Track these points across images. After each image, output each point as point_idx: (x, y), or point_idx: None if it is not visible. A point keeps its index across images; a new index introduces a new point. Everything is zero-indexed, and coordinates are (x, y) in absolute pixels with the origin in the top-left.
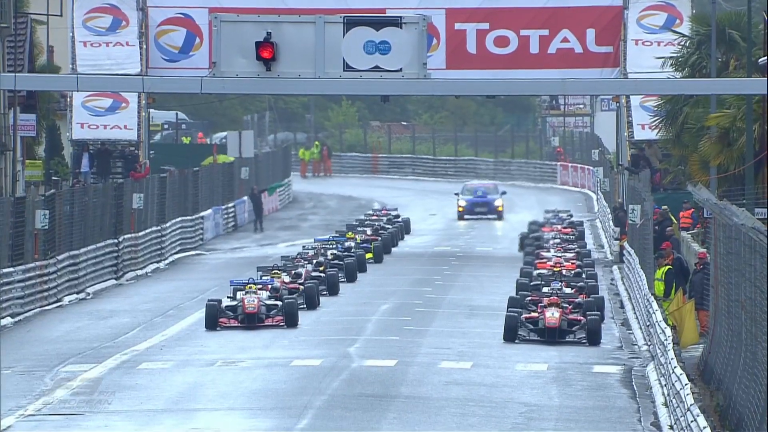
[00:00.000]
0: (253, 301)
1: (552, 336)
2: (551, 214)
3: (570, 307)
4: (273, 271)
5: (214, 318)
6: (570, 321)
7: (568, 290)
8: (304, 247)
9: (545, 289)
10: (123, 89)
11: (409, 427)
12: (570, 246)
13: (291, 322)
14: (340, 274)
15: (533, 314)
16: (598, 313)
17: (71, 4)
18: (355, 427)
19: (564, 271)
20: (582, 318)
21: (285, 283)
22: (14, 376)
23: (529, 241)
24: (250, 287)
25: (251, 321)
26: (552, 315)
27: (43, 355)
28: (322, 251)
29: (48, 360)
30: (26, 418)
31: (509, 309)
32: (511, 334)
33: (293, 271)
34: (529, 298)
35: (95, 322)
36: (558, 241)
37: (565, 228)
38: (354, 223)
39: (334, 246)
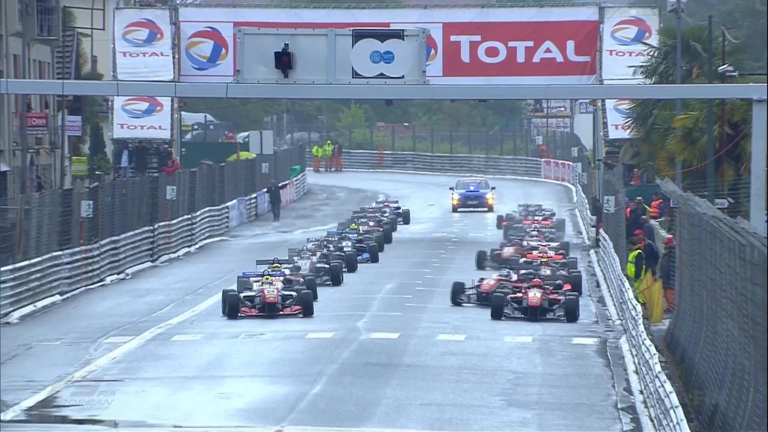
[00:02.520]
0: (273, 291)
1: (534, 314)
2: (522, 208)
3: (551, 288)
4: (273, 264)
5: (236, 307)
6: (550, 300)
7: (548, 270)
8: (308, 239)
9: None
10: (158, 94)
11: (410, 392)
12: (551, 236)
13: (307, 311)
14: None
15: (518, 294)
16: (576, 293)
17: (113, 19)
18: (362, 392)
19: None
20: (561, 298)
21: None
22: (63, 347)
23: (512, 232)
24: (267, 278)
25: (271, 310)
26: (534, 295)
27: (87, 329)
28: (326, 243)
29: (92, 333)
30: (73, 383)
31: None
32: (497, 313)
33: (293, 264)
34: (513, 283)
35: (133, 300)
36: (536, 233)
37: (544, 220)
38: (359, 213)
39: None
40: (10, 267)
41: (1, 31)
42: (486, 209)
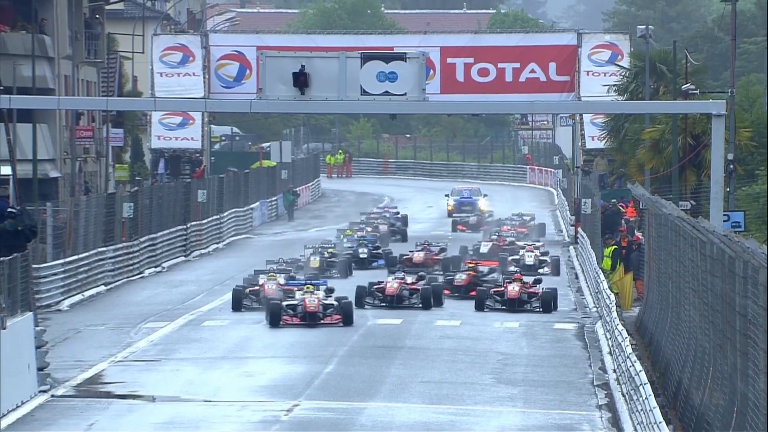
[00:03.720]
0: (314, 300)
1: (513, 305)
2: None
3: (530, 282)
4: (269, 274)
5: (278, 316)
6: (529, 293)
7: (531, 257)
8: (305, 247)
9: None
10: (190, 109)
11: (411, 370)
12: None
13: (347, 320)
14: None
15: (500, 288)
16: (555, 288)
17: (151, 44)
18: (369, 371)
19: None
20: (539, 291)
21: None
22: (107, 331)
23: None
24: (309, 287)
25: (312, 319)
26: (513, 288)
27: (128, 315)
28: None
29: (132, 318)
30: (116, 363)
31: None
32: (480, 305)
33: (297, 264)
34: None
35: (168, 290)
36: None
37: (520, 227)
38: (362, 219)
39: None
40: (61, 261)
41: (54, 55)
42: (479, 214)
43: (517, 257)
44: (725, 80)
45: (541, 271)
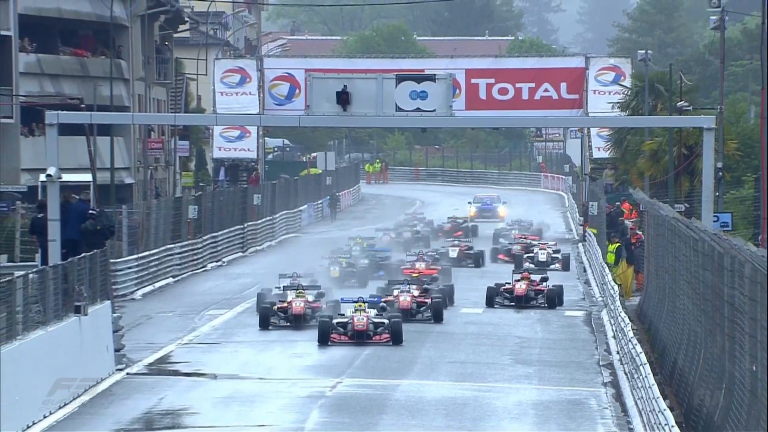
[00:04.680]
0: (363, 318)
1: (520, 302)
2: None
3: (537, 281)
4: (298, 291)
5: (326, 334)
6: (535, 291)
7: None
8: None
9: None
10: (246, 124)
11: (440, 352)
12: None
13: (396, 339)
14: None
15: (508, 286)
16: (560, 285)
17: (213, 67)
18: (403, 352)
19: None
20: (545, 288)
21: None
22: (174, 317)
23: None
24: (361, 305)
25: (360, 337)
26: (520, 286)
27: (193, 303)
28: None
29: (196, 306)
30: (182, 345)
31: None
32: (490, 302)
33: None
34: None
35: (228, 281)
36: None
37: (531, 236)
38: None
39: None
40: (135, 256)
41: (129, 77)
42: (498, 220)
43: (532, 254)
44: (714, 98)
45: (552, 266)
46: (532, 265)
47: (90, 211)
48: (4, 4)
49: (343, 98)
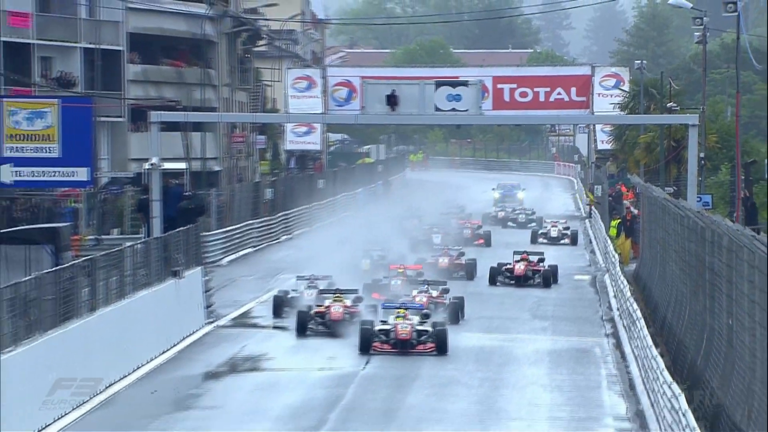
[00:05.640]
0: (406, 327)
1: (519, 281)
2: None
3: (535, 261)
4: (336, 295)
5: (368, 342)
6: (533, 270)
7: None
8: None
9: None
10: (312, 122)
11: (472, 310)
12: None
13: (442, 349)
14: None
15: (509, 266)
16: (555, 265)
17: (285, 75)
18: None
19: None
20: (541, 268)
21: None
22: (254, 280)
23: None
24: (402, 311)
25: (403, 347)
26: (519, 267)
27: (269, 269)
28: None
29: (272, 271)
30: (260, 303)
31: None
32: (493, 280)
33: (358, 294)
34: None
35: (297, 251)
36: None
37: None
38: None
39: None
40: (222, 230)
41: (217, 83)
42: (517, 203)
43: (545, 231)
44: (698, 100)
45: (562, 241)
46: (545, 241)
47: (185, 193)
48: (117, 24)
49: (392, 100)
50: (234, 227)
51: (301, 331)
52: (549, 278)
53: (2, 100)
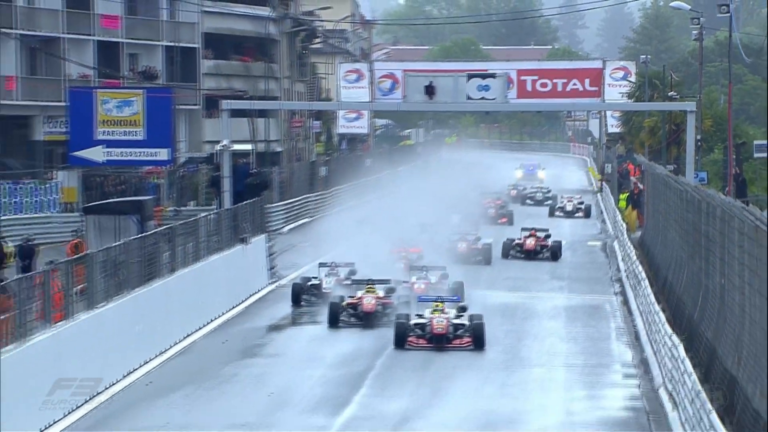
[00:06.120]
0: (442, 321)
1: (529, 255)
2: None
3: (542, 237)
4: (368, 286)
5: (403, 337)
6: (541, 246)
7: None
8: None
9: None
10: (360, 109)
11: (498, 273)
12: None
13: (479, 343)
14: None
15: (519, 241)
16: (560, 241)
17: (338, 69)
18: (473, 273)
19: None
20: (549, 244)
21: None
22: (310, 246)
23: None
24: (439, 305)
25: (439, 341)
26: (529, 242)
27: (323, 236)
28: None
29: (326, 237)
30: (316, 265)
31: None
32: (505, 254)
33: (390, 284)
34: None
35: (348, 220)
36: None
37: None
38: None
39: None
40: (283, 202)
41: (279, 76)
42: (538, 181)
43: (561, 206)
44: (695, 90)
45: (576, 215)
46: (561, 214)
47: (251, 171)
48: (193, 25)
49: (430, 90)
50: (293, 200)
51: (333, 322)
52: (556, 252)
53: (96, 90)
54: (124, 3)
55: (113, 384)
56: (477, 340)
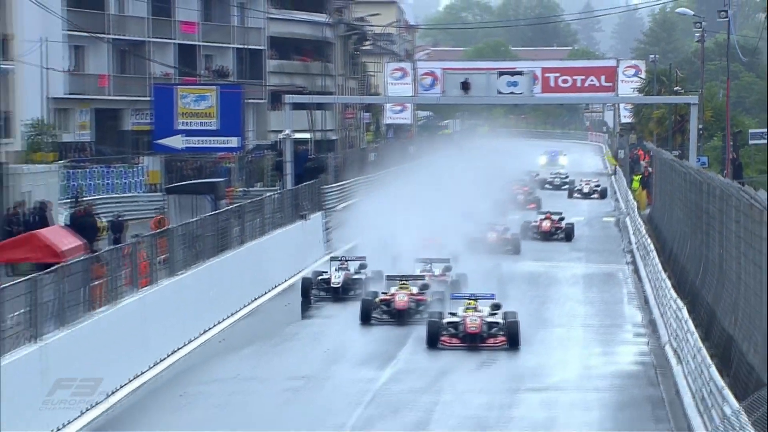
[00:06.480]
0: (476, 320)
1: (546, 236)
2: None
3: (557, 219)
4: (401, 283)
5: (436, 336)
6: (556, 228)
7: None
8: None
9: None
10: (405, 102)
11: (527, 245)
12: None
13: (513, 342)
14: None
15: (536, 224)
16: (572, 223)
17: (385, 67)
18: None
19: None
20: (563, 226)
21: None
22: (359, 222)
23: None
24: (471, 303)
25: (473, 340)
26: (545, 224)
27: (372, 213)
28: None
29: (373, 215)
30: (365, 238)
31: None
32: (524, 236)
33: (425, 281)
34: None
35: (393, 199)
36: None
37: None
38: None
39: None
40: (337, 184)
41: (334, 73)
42: (559, 165)
43: (579, 188)
44: (697, 85)
45: (593, 196)
46: (579, 196)
47: (309, 156)
48: (260, 30)
49: (465, 86)
50: (347, 181)
51: (365, 319)
52: (570, 234)
53: (176, 87)
54: (201, 11)
55: (191, 341)
56: (512, 339)
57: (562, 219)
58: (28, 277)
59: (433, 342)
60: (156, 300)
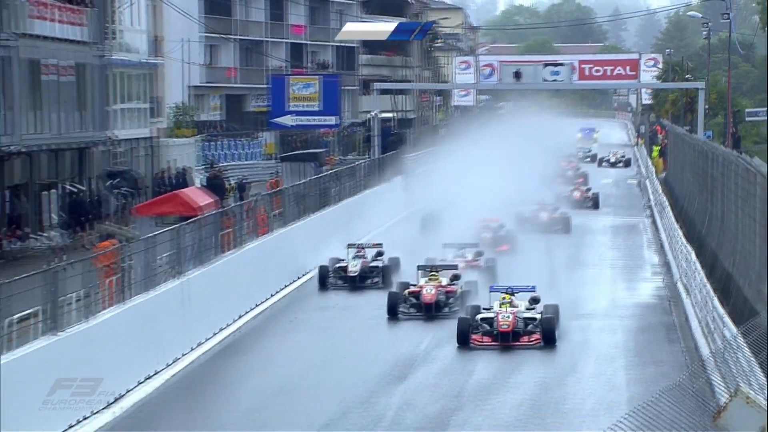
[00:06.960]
0: (508, 317)
1: (576, 204)
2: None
3: (585, 189)
4: (431, 273)
5: (465, 335)
6: (584, 197)
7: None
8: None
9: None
10: (469, 88)
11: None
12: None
13: (549, 340)
14: None
15: (568, 194)
16: (597, 192)
17: (453, 61)
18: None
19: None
20: (590, 195)
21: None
22: (434, 183)
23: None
24: (506, 296)
25: (505, 339)
26: (577, 193)
27: (441, 178)
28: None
29: (442, 179)
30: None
31: None
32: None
33: (456, 272)
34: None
35: (470, 168)
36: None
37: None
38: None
39: None
40: (414, 153)
41: (412, 66)
42: (593, 141)
43: (606, 158)
44: (704, 74)
45: (618, 165)
46: (606, 165)
47: (392, 132)
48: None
49: (517, 75)
50: (422, 151)
51: (392, 314)
52: (597, 202)
53: (288, 77)
54: (308, 16)
55: (300, 277)
56: (547, 337)
57: (589, 189)
58: (172, 227)
59: (463, 341)
60: (272, 245)
